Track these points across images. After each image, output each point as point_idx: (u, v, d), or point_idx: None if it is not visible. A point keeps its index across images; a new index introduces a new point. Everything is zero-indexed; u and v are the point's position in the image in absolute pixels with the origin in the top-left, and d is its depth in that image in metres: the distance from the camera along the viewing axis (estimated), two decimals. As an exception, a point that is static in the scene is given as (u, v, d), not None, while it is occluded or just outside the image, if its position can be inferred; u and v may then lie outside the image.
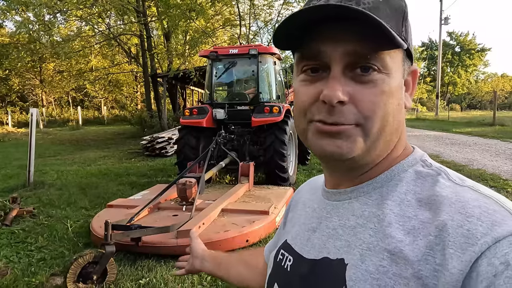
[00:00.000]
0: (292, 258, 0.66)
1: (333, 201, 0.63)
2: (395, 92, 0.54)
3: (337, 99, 0.51)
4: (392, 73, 0.54)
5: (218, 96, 7.41)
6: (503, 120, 18.81)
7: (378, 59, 0.52)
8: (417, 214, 0.51)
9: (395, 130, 0.57)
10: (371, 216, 0.55)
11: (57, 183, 7.13)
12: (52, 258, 3.64)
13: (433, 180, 0.54)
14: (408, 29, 0.55)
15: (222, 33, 19.46)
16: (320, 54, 0.54)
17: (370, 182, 0.59)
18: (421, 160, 0.59)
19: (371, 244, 0.53)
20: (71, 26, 19.54)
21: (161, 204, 4.53)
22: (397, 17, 0.53)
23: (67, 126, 23.97)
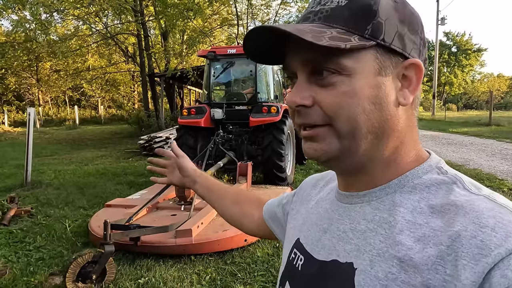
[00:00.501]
0: (303, 257, 0.67)
1: (345, 204, 0.64)
2: (361, 91, 0.54)
3: (294, 103, 0.56)
4: (356, 73, 0.54)
5: (216, 96, 7.42)
6: (499, 120, 18.92)
7: (332, 62, 0.53)
8: (428, 222, 0.51)
9: (380, 130, 0.56)
10: (382, 221, 0.56)
11: (54, 182, 7.12)
12: (50, 258, 3.64)
13: (447, 188, 0.54)
14: (380, 26, 0.54)
15: (220, 32, 19.45)
16: (288, 65, 0.59)
17: (383, 187, 0.58)
18: (437, 167, 0.58)
19: (381, 250, 0.53)
20: (68, 25, 19.46)
21: (159, 203, 4.53)
22: (360, 17, 0.54)
23: (64, 125, 23.89)
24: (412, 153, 0.60)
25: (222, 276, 3.24)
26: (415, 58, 0.57)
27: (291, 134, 6.73)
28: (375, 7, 0.54)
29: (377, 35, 0.54)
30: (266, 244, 3.82)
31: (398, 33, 0.55)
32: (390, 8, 0.55)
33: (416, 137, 0.61)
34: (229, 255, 3.60)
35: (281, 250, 3.10)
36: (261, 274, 3.25)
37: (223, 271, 3.31)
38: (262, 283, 3.12)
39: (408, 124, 0.59)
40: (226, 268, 3.36)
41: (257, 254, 3.60)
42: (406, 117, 0.58)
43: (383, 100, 0.55)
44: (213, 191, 1.06)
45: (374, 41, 0.53)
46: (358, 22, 0.54)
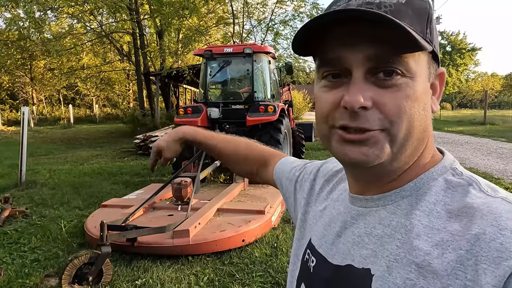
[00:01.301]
0: (315, 259, 0.66)
1: (359, 207, 0.62)
2: (420, 96, 0.52)
3: (359, 104, 0.50)
4: (417, 76, 0.52)
5: (212, 95, 7.39)
6: (493, 119, 19.06)
7: (401, 62, 0.51)
8: (446, 226, 0.50)
9: (422, 136, 0.55)
10: (399, 226, 0.54)
11: (49, 182, 7.05)
12: (46, 259, 3.60)
13: (463, 190, 0.52)
14: (433, 31, 0.53)
15: (216, 31, 19.38)
16: (340, 60, 0.53)
17: (398, 190, 0.57)
18: (451, 168, 0.57)
19: (398, 255, 0.52)
20: (62, 24, 19.29)
21: (156, 203, 4.50)
22: (421, 18, 0.52)
23: (58, 124, 23.69)
24: (430, 154, 0.59)
25: (220, 277, 3.22)
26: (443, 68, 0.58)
27: (288, 133, 6.72)
28: (430, 10, 0.53)
29: (432, 39, 0.53)
30: (264, 245, 3.80)
31: (437, 41, 0.56)
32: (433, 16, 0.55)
33: (433, 139, 0.60)
34: (227, 255, 3.58)
35: (279, 250, 3.06)
36: (260, 275, 3.23)
37: (221, 272, 3.29)
38: (260, 284, 3.10)
39: (430, 129, 0.58)
40: (224, 269, 3.33)
41: (255, 255, 3.58)
42: (430, 122, 0.58)
43: (428, 105, 0.55)
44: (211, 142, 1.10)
45: (431, 46, 0.52)
46: (421, 23, 0.52)
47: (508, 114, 23.06)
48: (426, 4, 0.53)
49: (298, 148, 8.08)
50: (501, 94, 55.17)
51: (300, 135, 8.24)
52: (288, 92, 9.40)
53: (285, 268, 3.31)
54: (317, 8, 14.68)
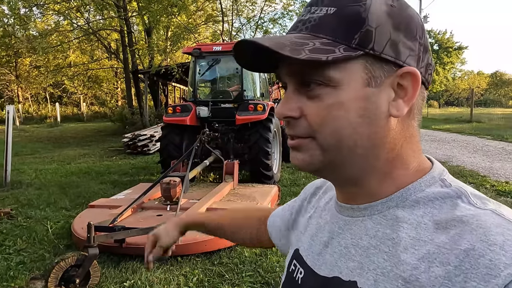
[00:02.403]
0: (303, 271, 0.65)
1: (346, 217, 0.61)
2: (348, 103, 0.52)
3: (282, 115, 0.56)
4: (342, 84, 0.51)
5: (201, 93, 7.34)
6: (479, 117, 19.34)
7: (318, 74, 0.52)
8: (433, 238, 0.49)
9: (368, 143, 0.53)
10: (385, 238, 0.53)
11: (35, 182, 6.94)
12: (31, 261, 3.54)
13: (452, 202, 0.51)
14: (370, 35, 0.51)
15: (204, 29, 19.28)
16: (279, 76, 0.59)
17: (384, 200, 0.56)
18: (440, 179, 0.55)
19: (385, 269, 0.51)
20: (48, 20, 18.99)
21: (144, 203, 4.45)
22: (348, 25, 0.51)
23: (45, 123, 23.35)
24: (412, 164, 0.56)
25: (209, 277, 3.20)
26: (411, 66, 0.53)
27: (278, 132, 6.72)
28: (364, 14, 0.51)
29: (365, 44, 0.51)
30: (253, 244, 3.79)
31: (391, 40, 0.52)
32: (382, 14, 0.52)
33: (417, 148, 0.57)
34: (216, 255, 3.56)
35: (269, 250, 3.07)
36: (249, 275, 3.22)
37: (211, 272, 3.27)
38: (250, 284, 3.10)
39: (405, 135, 0.55)
40: (214, 269, 3.32)
41: (245, 254, 3.57)
42: (402, 128, 0.55)
43: (372, 112, 0.53)
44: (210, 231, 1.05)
45: (361, 51, 0.51)
46: (345, 31, 0.51)
47: (494, 112, 23.45)
48: (360, 9, 0.51)
49: (287, 147, 8.06)
50: (487, 92, 56.08)
51: (289, 133, 8.24)
52: (277, 91, 9.40)
53: (274, 267, 3.31)
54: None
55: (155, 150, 10.37)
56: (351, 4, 0.52)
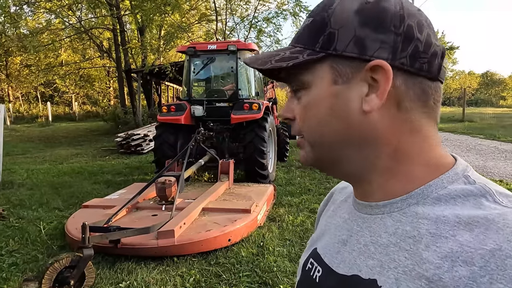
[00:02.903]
0: (321, 269, 0.64)
1: (364, 214, 0.60)
2: (318, 102, 0.56)
3: (282, 117, 0.63)
4: (311, 85, 0.56)
5: (195, 92, 7.29)
6: (471, 116, 19.50)
7: (295, 79, 0.58)
8: (455, 234, 0.47)
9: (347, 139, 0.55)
10: (405, 235, 0.52)
11: (27, 182, 6.84)
12: (24, 263, 3.47)
13: (475, 201, 0.50)
14: (331, 36, 0.54)
15: (198, 28, 19.19)
16: None
17: (404, 197, 0.54)
18: (464, 176, 0.54)
19: (407, 267, 0.49)
20: (39, 19, 18.76)
21: (139, 203, 4.41)
22: (314, 32, 0.56)
23: (36, 122, 23.07)
24: (423, 159, 0.55)
25: (206, 277, 3.17)
26: (379, 59, 0.52)
27: (273, 131, 6.69)
28: (327, 19, 0.55)
29: (328, 46, 0.54)
30: (250, 244, 3.77)
31: (355, 37, 0.53)
32: (348, 14, 0.53)
33: (426, 142, 0.55)
34: (213, 255, 3.53)
35: (266, 250, 3.05)
36: (247, 275, 3.19)
37: (207, 273, 3.24)
38: (247, 284, 3.07)
39: (400, 130, 0.54)
40: (211, 269, 3.28)
41: (242, 254, 3.54)
42: (392, 122, 0.54)
43: (341, 108, 0.54)
44: None
45: (324, 53, 0.54)
46: (312, 37, 0.56)
47: (485, 111, 23.68)
48: (324, 14, 0.56)
49: (282, 146, 8.08)
50: (477, 92, 56.66)
51: (284, 133, 8.22)
52: (272, 90, 9.38)
53: (272, 267, 3.29)
54: (300, 5, 14.66)
55: (149, 150, 10.30)
56: (320, 12, 0.56)
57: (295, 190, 5.89)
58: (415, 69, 0.53)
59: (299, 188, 6.02)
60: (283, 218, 4.57)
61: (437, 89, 0.56)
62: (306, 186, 6.18)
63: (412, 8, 0.54)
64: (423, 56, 0.53)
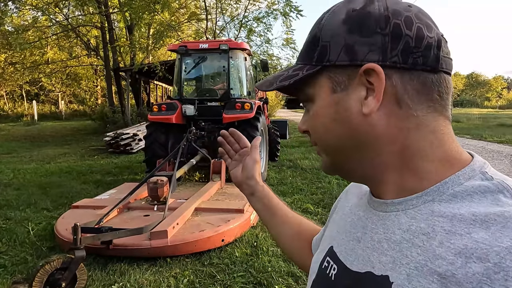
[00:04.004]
0: (336, 267, 0.64)
1: (380, 211, 0.60)
2: (321, 111, 0.59)
3: (300, 130, 0.67)
4: (315, 97, 0.60)
5: (187, 91, 7.23)
6: (458, 116, 19.82)
7: (302, 94, 0.62)
8: (470, 232, 0.46)
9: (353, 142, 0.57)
10: (419, 232, 0.51)
11: (14, 182, 6.70)
12: (13, 265, 3.39)
13: (493, 197, 0.49)
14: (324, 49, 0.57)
15: (188, 27, 19.06)
16: None
17: (420, 194, 0.54)
18: (481, 172, 0.53)
19: (419, 263, 0.49)
20: (25, 16, 18.41)
21: (131, 203, 4.34)
22: (309, 48, 0.59)
23: (21, 121, 22.63)
24: (435, 155, 0.54)
25: (200, 278, 3.14)
26: (370, 63, 0.53)
27: (264, 130, 6.68)
28: (319, 33, 0.58)
29: (323, 58, 0.57)
30: (244, 244, 3.75)
31: (345, 46, 0.55)
32: (337, 25, 0.56)
33: (436, 138, 0.55)
34: (206, 256, 3.50)
35: (260, 250, 3.02)
36: (241, 275, 3.17)
37: (201, 273, 3.21)
38: (242, 284, 3.05)
39: (407, 126, 0.54)
40: (204, 270, 3.25)
41: (236, 254, 3.51)
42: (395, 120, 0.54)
43: (343, 114, 0.56)
44: (275, 214, 0.96)
45: (320, 66, 0.57)
46: (308, 53, 0.59)
47: (471, 112, 24.08)
48: (316, 30, 0.59)
49: (273, 146, 8.07)
50: (463, 93, 57.63)
51: (275, 132, 8.22)
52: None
53: (266, 267, 3.27)
54: (290, 5, 14.67)
55: (138, 149, 10.20)
56: (314, 28, 0.60)
57: (287, 190, 5.89)
58: (409, 64, 0.53)
59: (291, 188, 6.02)
60: (276, 218, 4.55)
61: (440, 80, 0.55)
62: (298, 186, 6.18)
63: (399, 6, 0.55)
64: (416, 51, 0.53)
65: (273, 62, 16.81)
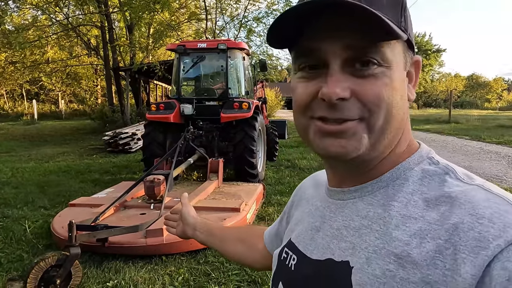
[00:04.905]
0: (296, 257, 0.65)
1: (337, 200, 0.62)
2: (397, 85, 0.52)
3: (337, 96, 0.50)
4: (393, 65, 0.52)
5: (185, 91, 7.25)
6: (457, 118, 19.80)
7: (377, 52, 0.50)
8: (423, 215, 0.49)
9: (399, 125, 0.55)
10: (376, 217, 0.54)
11: (12, 181, 6.71)
12: (9, 262, 3.40)
13: (440, 179, 0.53)
14: (407, 19, 0.54)
15: (188, 27, 19.08)
16: (317, 51, 0.52)
17: (375, 181, 0.57)
18: (428, 157, 0.57)
19: (377, 247, 0.51)
20: (25, 15, 18.43)
21: (127, 202, 4.35)
22: (395, 7, 0.52)
23: (21, 120, 22.62)
24: (407, 143, 0.59)
25: (195, 276, 3.15)
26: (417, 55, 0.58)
27: (262, 130, 6.69)
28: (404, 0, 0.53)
29: (407, 28, 0.53)
30: (239, 242, 3.75)
31: (412, 29, 0.56)
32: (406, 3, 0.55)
33: (409, 128, 0.60)
34: (202, 254, 3.51)
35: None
36: (236, 273, 3.18)
37: (196, 271, 3.22)
38: (236, 283, 3.05)
39: (407, 116, 0.59)
40: (199, 268, 3.26)
41: (231, 253, 3.52)
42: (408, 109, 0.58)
43: (405, 94, 0.55)
44: (215, 234, 1.02)
45: (406, 35, 0.52)
46: (395, 11, 0.52)
47: (471, 113, 24.08)
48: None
49: (272, 146, 8.08)
50: (463, 94, 57.54)
51: (274, 132, 8.23)
52: (261, 89, 9.37)
53: (261, 266, 3.28)
54: (289, 5, 14.70)
55: (137, 148, 10.21)
56: None
57: (284, 189, 5.89)
58: None
59: (288, 188, 6.02)
60: (272, 217, 4.57)
61: None
62: (295, 185, 6.12)
63: None
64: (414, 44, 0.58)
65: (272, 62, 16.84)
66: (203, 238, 1.02)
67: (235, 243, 0.98)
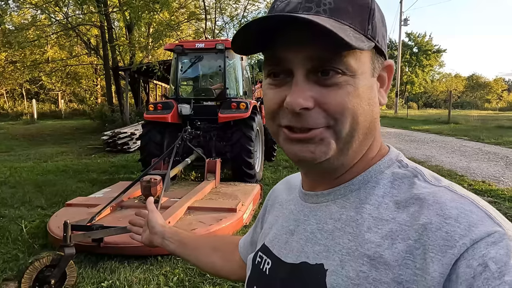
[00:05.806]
0: (270, 261, 0.65)
1: (311, 204, 0.62)
2: (362, 92, 0.53)
3: (299, 106, 0.51)
4: (358, 74, 0.52)
5: (183, 91, 7.25)
6: (457, 118, 19.80)
7: (340, 62, 0.51)
8: (394, 217, 0.51)
9: (368, 130, 0.56)
10: (349, 220, 0.55)
11: (10, 180, 6.71)
12: (4, 262, 3.40)
13: (409, 181, 0.54)
14: (375, 26, 0.53)
15: (187, 26, 19.09)
16: (282, 60, 0.53)
17: (347, 184, 0.58)
18: (397, 160, 0.59)
19: (350, 249, 0.52)
20: (25, 14, 18.43)
21: (124, 202, 4.36)
22: (362, 14, 0.52)
23: (21, 120, 22.67)
24: (378, 147, 0.60)
25: (190, 276, 3.15)
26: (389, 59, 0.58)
27: (260, 130, 6.69)
28: (372, 5, 0.53)
29: (374, 35, 0.53)
30: (235, 243, 3.75)
31: (382, 34, 0.55)
32: (377, 8, 0.55)
33: (380, 134, 0.61)
34: (197, 254, 3.50)
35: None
36: (231, 274, 3.18)
37: (191, 272, 3.22)
38: (231, 283, 3.06)
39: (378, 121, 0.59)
40: (195, 268, 3.26)
41: (227, 253, 3.52)
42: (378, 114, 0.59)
43: (373, 100, 0.55)
44: (186, 244, 0.96)
45: (373, 42, 0.53)
46: (362, 19, 0.52)
47: (470, 114, 24.07)
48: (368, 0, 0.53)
49: (270, 146, 8.08)
50: (463, 95, 57.55)
51: (272, 132, 8.23)
52: (260, 90, 9.37)
53: (256, 266, 3.28)
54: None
55: (136, 148, 10.21)
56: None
57: (282, 190, 5.89)
58: None
59: (286, 188, 6.02)
60: (269, 217, 4.56)
61: None
62: (292, 185, 6.18)
63: None
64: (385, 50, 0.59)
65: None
66: (173, 248, 0.95)
67: (209, 252, 0.93)
